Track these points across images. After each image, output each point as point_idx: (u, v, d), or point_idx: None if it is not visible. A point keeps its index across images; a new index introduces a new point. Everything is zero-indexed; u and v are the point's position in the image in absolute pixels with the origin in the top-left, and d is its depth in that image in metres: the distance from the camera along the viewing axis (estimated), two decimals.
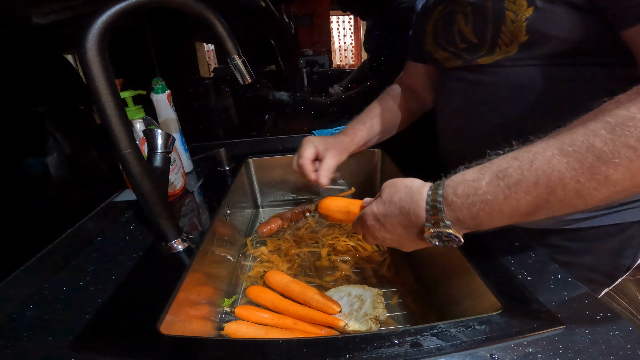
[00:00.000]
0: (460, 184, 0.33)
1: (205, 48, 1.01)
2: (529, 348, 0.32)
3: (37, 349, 0.35)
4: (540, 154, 0.29)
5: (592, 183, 0.27)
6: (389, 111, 0.70)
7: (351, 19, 1.05)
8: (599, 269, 0.55)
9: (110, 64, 0.39)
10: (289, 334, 0.49)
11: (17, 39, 0.55)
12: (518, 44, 0.44)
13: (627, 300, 1.42)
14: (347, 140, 0.65)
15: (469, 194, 0.32)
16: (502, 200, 0.30)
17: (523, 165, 0.30)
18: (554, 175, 0.28)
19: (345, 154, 0.63)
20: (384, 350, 0.32)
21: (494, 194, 0.31)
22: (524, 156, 0.30)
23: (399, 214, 0.37)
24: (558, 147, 0.28)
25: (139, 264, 0.48)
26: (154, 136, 0.51)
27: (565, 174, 0.27)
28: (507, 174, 0.30)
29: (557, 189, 0.28)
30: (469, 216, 0.32)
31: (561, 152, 0.28)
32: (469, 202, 0.32)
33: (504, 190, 0.30)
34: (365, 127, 0.68)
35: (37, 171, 0.54)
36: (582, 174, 0.27)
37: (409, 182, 0.38)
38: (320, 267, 0.66)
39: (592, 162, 0.27)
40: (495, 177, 0.31)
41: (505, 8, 0.43)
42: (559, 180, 0.28)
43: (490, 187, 0.31)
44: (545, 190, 0.28)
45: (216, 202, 0.66)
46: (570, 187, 0.28)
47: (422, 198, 0.35)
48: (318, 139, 0.62)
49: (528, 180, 0.29)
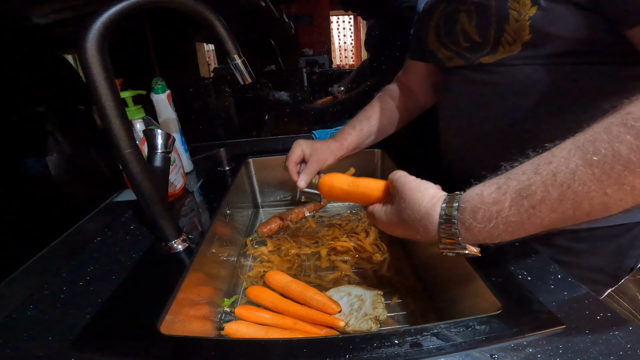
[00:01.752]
0: (480, 208, 0.31)
1: (205, 48, 1.01)
2: (529, 348, 0.32)
3: (37, 349, 0.35)
4: (563, 165, 0.27)
5: (619, 194, 0.25)
6: (383, 112, 0.71)
7: (351, 19, 1.05)
8: (603, 270, 0.55)
9: (110, 64, 0.39)
10: (289, 334, 0.49)
11: (17, 39, 0.55)
12: (521, 43, 0.44)
13: (627, 300, 1.42)
14: (335, 146, 0.66)
15: (491, 218, 0.30)
16: (526, 220, 0.29)
17: (546, 180, 0.28)
18: (579, 190, 0.26)
19: (330, 158, 0.64)
20: (384, 350, 0.32)
21: (518, 215, 0.29)
22: (545, 169, 0.28)
23: (409, 228, 0.36)
24: (581, 157, 0.26)
25: (139, 264, 0.48)
26: (154, 136, 0.51)
27: (592, 187, 0.26)
28: (530, 192, 0.28)
29: (583, 203, 0.26)
30: (489, 237, 0.31)
31: (585, 163, 0.26)
32: (490, 226, 0.30)
33: (528, 210, 0.28)
34: (355, 131, 0.69)
35: (37, 171, 0.54)
36: (610, 185, 0.25)
37: (419, 196, 0.36)
38: (320, 267, 0.66)
39: (619, 172, 0.25)
40: (518, 197, 0.29)
41: (508, 7, 0.43)
42: (586, 194, 0.26)
43: (514, 209, 0.29)
44: (572, 206, 0.27)
45: (216, 202, 0.66)
46: (597, 200, 0.26)
47: (433, 222, 0.34)
48: (307, 143, 0.64)
49: (552, 197, 0.27)
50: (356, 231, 0.73)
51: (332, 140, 0.67)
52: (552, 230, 0.53)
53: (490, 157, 0.53)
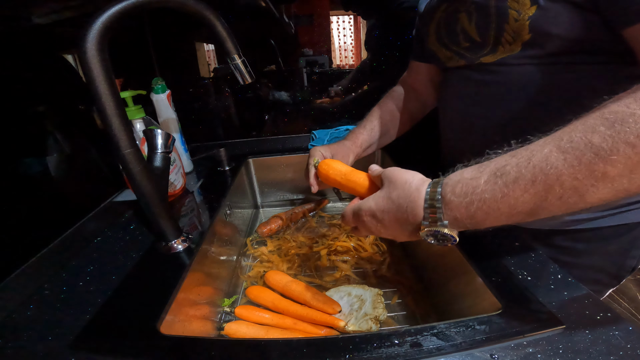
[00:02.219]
0: (459, 183, 0.32)
1: (205, 48, 1.01)
2: (529, 348, 0.32)
3: (37, 349, 0.35)
4: (538, 151, 0.29)
5: (590, 180, 0.27)
6: (389, 113, 0.71)
7: (351, 19, 1.05)
8: (605, 270, 0.55)
9: (110, 64, 0.39)
10: (289, 334, 0.49)
11: (17, 39, 0.55)
12: (521, 43, 0.44)
13: (627, 300, 1.42)
14: (349, 144, 0.64)
15: (467, 192, 0.32)
16: (499, 199, 0.30)
17: (521, 162, 0.29)
18: (551, 172, 0.28)
19: (351, 157, 0.63)
20: (384, 350, 0.32)
21: (492, 193, 0.30)
22: (521, 154, 0.30)
23: (397, 210, 0.36)
24: (556, 145, 0.28)
25: (139, 264, 0.48)
26: (154, 136, 0.51)
27: (563, 171, 0.27)
28: (504, 172, 0.30)
29: (554, 186, 0.28)
30: (467, 215, 0.32)
31: (559, 149, 0.28)
32: (466, 200, 0.32)
33: (501, 189, 0.30)
34: (366, 130, 0.68)
35: (37, 171, 0.54)
36: (580, 170, 0.27)
37: (409, 177, 0.37)
38: (320, 267, 0.66)
39: (590, 158, 0.26)
40: (493, 176, 0.31)
41: (508, 7, 0.43)
42: (556, 177, 0.27)
43: (488, 186, 0.31)
44: (543, 188, 0.28)
45: (216, 202, 0.66)
46: (567, 184, 0.27)
47: (420, 197, 0.35)
48: (324, 149, 0.61)
49: (525, 177, 0.29)
50: None
51: (346, 140, 0.66)
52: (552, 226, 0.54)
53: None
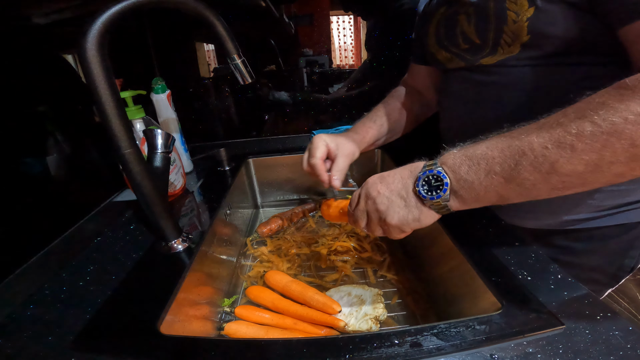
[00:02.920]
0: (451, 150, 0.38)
1: (205, 48, 1.01)
2: (529, 348, 0.32)
3: (37, 349, 0.35)
4: (522, 130, 0.33)
5: (560, 151, 0.30)
6: (396, 112, 0.69)
7: (351, 19, 1.05)
8: (603, 270, 0.55)
9: (110, 64, 0.39)
10: (289, 334, 0.49)
11: (17, 39, 0.55)
12: (520, 44, 0.44)
13: (627, 300, 1.42)
14: (358, 139, 0.62)
15: (456, 155, 0.37)
16: (481, 158, 0.34)
17: (501, 136, 0.35)
18: (524, 139, 0.32)
19: (357, 152, 0.60)
20: (384, 350, 0.32)
21: (475, 149, 0.35)
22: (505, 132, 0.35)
23: (400, 170, 0.41)
24: (535, 123, 0.33)
25: (139, 264, 0.48)
26: (154, 136, 0.51)
27: (534, 139, 0.31)
28: (487, 139, 0.36)
29: (526, 151, 0.31)
30: (457, 177, 0.35)
31: (537, 125, 0.32)
32: (456, 161, 0.36)
33: (483, 150, 0.35)
34: (376, 125, 0.65)
35: (37, 171, 0.54)
36: (550, 140, 0.30)
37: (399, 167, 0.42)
38: (320, 267, 0.66)
39: (560, 133, 0.30)
40: (478, 142, 0.36)
41: (506, 8, 0.43)
42: (528, 143, 0.31)
43: (471, 150, 0.36)
44: (517, 152, 0.32)
45: (216, 202, 0.66)
46: (538, 151, 0.31)
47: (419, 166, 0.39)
48: (329, 137, 0.57)
49: (503, 142, 0.33)
50: (356, 231, 0.73)
51: (354, 133, 0.63)
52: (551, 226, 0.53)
53: None
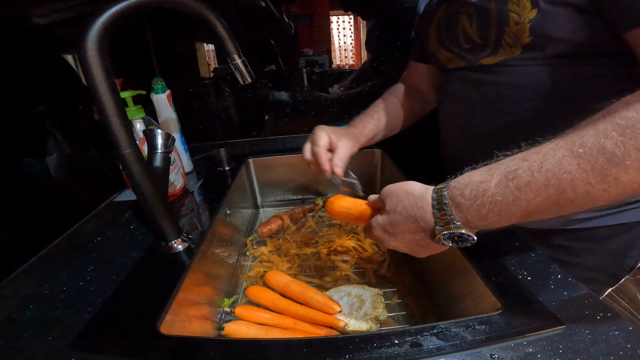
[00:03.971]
0: (468, 186, 0.32)
1: (205, 48, 1.01)
2: (529, 348, 0.32)
3: (37, 349, 0.35)
4: (550, 155, 0.29)
5: (602, 185, 0.27)
6: (393, 107, 0.70)
7: (351, 19, 1.05)
8: (603, 269, 0.55)
9: (110, 64, 0.39)
10: (289, 334, 0.49)
11: (17, 39, 0.55)
12: (521, 45, 0.44)
13: (627, 300, 1.42)
14: (357, 132, 0.62)
15: (477, 195, 0.31)
16: (511, 202, 0.30)
17: (533, 166, 0.29)
18: (564, 177, 0.28)
19: (356, 144, 0.61)
20: (384, 350, 0.32)
21: (503, 195, 0.30)
22: (533, 157, 0.30)
23: (406, 221, 0.36)
24: (568, 149, 0.28)
25: (139, 264, 0.48)
26: (154, 136, 0.51)
27: (576, 176, 0.27)
28: (516, 175, 0.30)
29: (567, 190, 0.28)
30: (478, 217, 0.32)
31: (572, 154, 0.28)
32: (477, 203, 0.31)
33: (513, 192, 0.30)
34: (374, 119, 0.66)
35: (37, 171, 0.54)
36: (593, 175, 0.27)
37: (409, 187, 0.37)
38: (320, 267, 0.66)
39: (603, 164, 0.26)
40: (504, 178, 0.30)
41: (509, 9, 0.43)
42: (570, 182, 0.28)
43: (499, 189, 0.30)
44: (556, 192, 0.28)
45: (216, 202, 0.66)
46: (580, 189, 0.27)
47: (427, 202, 0.35)
48: (330, 128, 0.59)
49: (538, 181, 0.29)
50: (356, 231, 0.73)
51: (352, 128, 0.64)
52: (551, 226, 0.54)
53: (490, 157, 0.54)
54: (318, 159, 0.56)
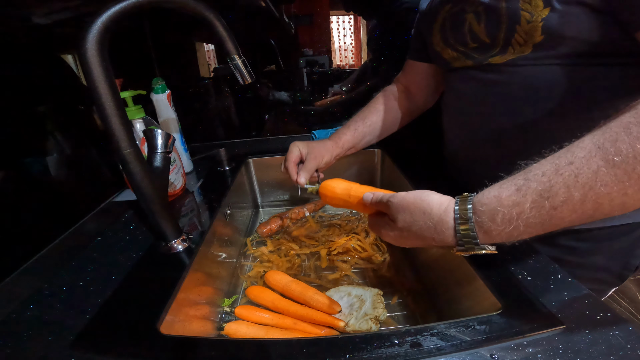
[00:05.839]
0: (499, 211, 0.30)
1: (205, 48, 1.01)
2: (529, 348, 0.32)
3: (37, 349, 0.35)
4: (585, 166, 0.27)
5: (639, 194, 0.26)
6: (380, 113, 0.72)
7: (351, 19, 1.05)
8: (609, 269, 0.55)
9: (110, 64, 0.39)
10: (289, 334, 0.49)
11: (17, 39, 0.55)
12: (532, 44, 0.44)
13: (627, 300, 1.42)
14: (330, 144, 0.68)
15: (511, 219, 0.30)
16: (547, 221, 0.29)
17: (568, 181, 0.28)
18: (602, 191, 0.26)
19: (327, 156, 0.66)
20: (384, 350, 0.32)
21: (539, 217, 0.29)
22: (566, 170, 0.28)
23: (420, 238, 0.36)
24: (603, 158, 0.27)
25: (139, 264, 0.48)
26: (154, 136, 0.51)
27: (614, 188, 0.26)
28: (552, 194, 0.28)
29: (604, 204, 0.27)
30: (507, 237, 0.31)
31: (607, 164, 0.26)
32: (510, 228, 0.30)
33: (549, 212, 0.29)
34: (350, 131, 0.70)
35: (37, 171, 0.54)
36: (631, 185, 0.26)
37: (425, 206, 0.35)
38: (320, 267, 0.66)
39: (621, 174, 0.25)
40: (540, 198, 0.29)
41: (520, 8, 0.43)
42: (607, 194, 0.26)
43: (535, 211, 0.29)
44: (593, 207, 0.27)
45: (216, 202, 0.66)
46: (617, 200, 0.27)
47: (448, 227, 0.33)
48: (303, 144, 0.67)
49: (574, 198, 0.27)
50: (356, 231, 0.73)
51: (328, 140, 0.69)
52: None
53: (497, 156, 0.53)
54: (288, 171, 0.64)
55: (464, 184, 0.62)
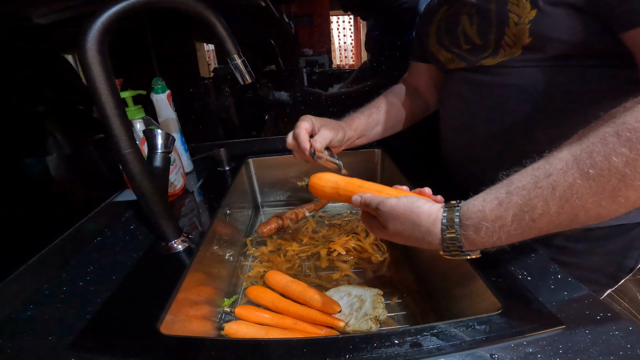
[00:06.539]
0: (483, 225, 0.32)
1: (205, 48, 1.01)
2: (529, 348, 0.32)
3: (37, 349, 0.35)
4: (561, 179, 0.28)
5: (613, 206, 0.27)
6: (390, 106, 0.70)
7: (351, 19, 1.05)
8: (603, 270, 0.55)
9: (110, 64, 0.39)
10: (289, 334, 0.49)
11: (17, 39, 0.55)
12: (522, 46, 0.44)
13: (627, 300, 1.42)
14: (344, 124, 0.62)
15: (494, 232, 0.32)
16: (526, 232, 0.31)
17: (546, 194, 0.29)
18: (577, 204, 0.28)
19: (341, 132, 0.59)
20: (384, 350, 0.32)
21: (520, 229, 0.31)
22: (544, 182, 0.30)
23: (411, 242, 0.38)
24: (578, 170, 0.28)
25: (139, 264, 0.48)
26: (154, 136, 0.51)
27: (588, 200, 0.27)
28: (531, 207, 0.30)
29: (579, 215, 0.28)
30: (490, 245, 0.34)
31: (582, 176, 0.27)
32: (494, 239, 0.33)
33: (528, 223, 0.31)
34: (364, 115, 0.66)
35: (37, 171, 0.54)
36: (605, 197, 0.27)
37: (414, 218, 0.36)
38: (320, 267, 0.66)
39: (615, 185, 0.26)
40: (520, 212, 0.31)
41: (508, 10, 0.43)
42: (582, 206, 0.28)
43: (515, 224, 0.31)
44: (568, 218, 0.29)
45: (216, 202, 0.66)
46: (592, 212, 0.28)
47: (435, 238, 0.35)
48: (315, 117, 0.58)
49: (552, 210, 0.29)
50: (356, 231, 0.73)
51: (341, 121, 0.64)
52: None
53: (491, 158, 0.54)
54: (298, 139, 0.54)
55: (462, 183, 0.62)
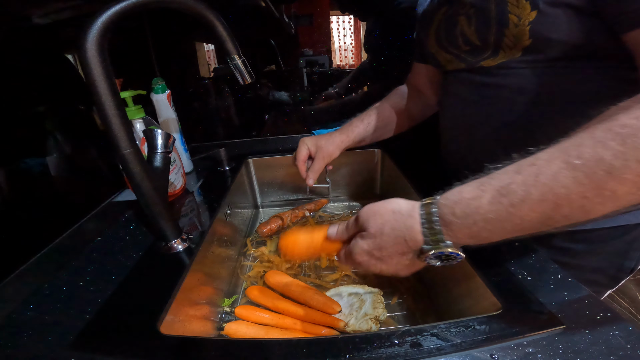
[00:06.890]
0: (458, 203, 0.31)
1: (205, 48, 1.01)
2: (529, 348, 0.32)
3: (37, 349, 0.35)
4: (545, 167, 0.27)
5: (598, 198, 0.26)
6: (391, 109, 0.72)
7: (351, 19, 1.05)
8: (603, 271, 0.55)
9: (110, 64, 0.39)
10: (289, 334, 0.49)
11: (17, 39, 0.55)
12: (521, 48, 0.44)
13: (627, 301, 1.42)
14: (340, 139, 0.69)
15: (469, 213, 0.30)
16: (505, 219, 0.29)
17: (527, 180, 0.28)
18: (560, 192, 0.26)
19: (336, 152, 0.68)
20: (384, 350, 0.32)
21: (497, 213, 0.29)
22: (527, 170, 0.28)
23: (395, 243, 0.35)
24: (564, 160, 0.27)
25: (139, 264, 0.48)
26: (154, 136, 0.51)
27: (572, 189, 0.26)
28: (510, 191, 0.29)
29: (563, 205, 0.27)
30: (469, 235, 0.31)
31: (568, 166, 0.26)
32: (469, 222, 0.30)
33: (507, 209, 0.29)
34: (363, 124, 0.71)
35: (37, 171, 0.54)
36: (590, 189, 0.26)
37: (394, 206, 0.36)
38: (320, 267, 0.65)
39: (601, 176, 0.25)
40: (497, 194, 0.29)
41: (508, 11, 0.43)
42: (566, 196, 0.26)
43: (493, 206, 0.29)
44: (551, 207, 0.27)
45: (216, 202, 0.66)
46: (576, 203, 0.26)
47: (416, 221, 0.33)
48: (311, 140, 0.68)
49: (533, 197, 0.27)
50: None
51: (338, 133, 0.70)
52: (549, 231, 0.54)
53: (490, 159, 0.54)
54: (298, 169, 0.69)
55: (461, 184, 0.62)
